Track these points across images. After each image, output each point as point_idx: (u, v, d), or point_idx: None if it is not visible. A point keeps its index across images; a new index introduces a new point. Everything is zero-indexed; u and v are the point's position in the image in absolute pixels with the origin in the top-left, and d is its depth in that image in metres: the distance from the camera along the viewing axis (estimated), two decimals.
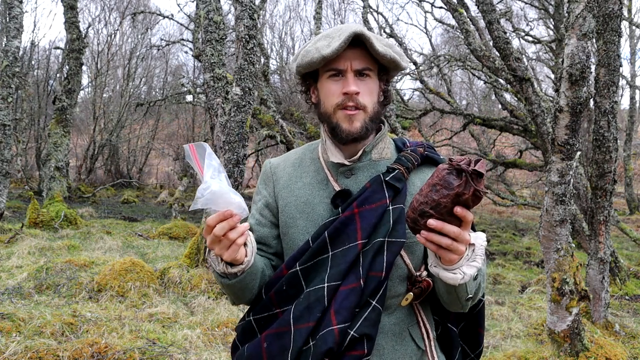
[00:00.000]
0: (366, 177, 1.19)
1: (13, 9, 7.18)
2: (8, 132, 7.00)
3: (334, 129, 1.16)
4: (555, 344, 3.31)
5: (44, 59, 17.79)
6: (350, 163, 1.19)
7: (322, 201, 1.19)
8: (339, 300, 1.07)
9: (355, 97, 1.13)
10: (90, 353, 2.99)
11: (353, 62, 1.14)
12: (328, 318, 1.07)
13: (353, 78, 1.14)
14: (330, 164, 1.22)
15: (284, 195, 1.24)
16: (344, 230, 1.12)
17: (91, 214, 10.30)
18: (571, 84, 2.96)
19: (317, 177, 1.23)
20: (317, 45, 1.14)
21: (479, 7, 5.36)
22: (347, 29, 1.11)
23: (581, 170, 6.19)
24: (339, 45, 1.10)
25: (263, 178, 1.30)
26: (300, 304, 1.10)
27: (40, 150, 14.98)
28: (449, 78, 13.85)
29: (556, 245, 3.19)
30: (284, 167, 1.28)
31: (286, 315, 1.10)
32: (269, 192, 1.27)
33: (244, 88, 4.93)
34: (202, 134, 17.61)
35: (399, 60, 1.15)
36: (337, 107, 1.15)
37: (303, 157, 1.29)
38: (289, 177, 1.25)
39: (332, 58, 1.12)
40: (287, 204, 1.22)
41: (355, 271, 1.09)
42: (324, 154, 1.23)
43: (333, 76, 1.15)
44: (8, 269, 5.15)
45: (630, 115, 15.00)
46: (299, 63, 1.17)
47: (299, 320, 1.08)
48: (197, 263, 5.17)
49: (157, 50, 16.94)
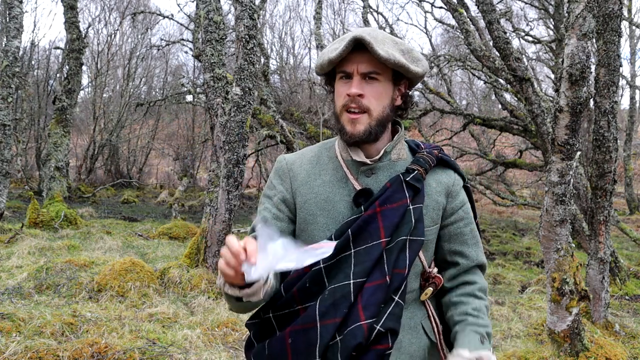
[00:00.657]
0: (386, 177, 1.22)
1: (13, 9, 7.18)
2: (8, 132, 7.00)
3: (341, 129, 1.20)
4: (555, 344, 3.31)
5: (44, 59, 17.78)
6: (372, 163, 1.22)
7: (342, 199, 1.21)
8: (365, 296, 1.11)
9: (358, 99, 1.16)
10: (90, 353, 2.99)
11: (360, 66, 1.16)
12: (356, 314, 1.09)
13: (359, 81, 1.16)
14: (350, 163, 1.24)
15: (303, 192, 1.24)
16: (366, 229, 1.14)
17: (91, 214, 10.30)
18: (571, 84, 2.96)
19: (336, 175, 1.24)
20: (329, 48, 1.19)
21: (479, 7, 5.36)
22: (350, 34, 1.15)
23: (581, 170, 6.19)
24: (342, 50, 1.13)
25: (278, 174, 1.29)
26: (326, 300, 1.11)
27: (40, 150, 14.97)
28: (449, 78, 13.84)
29: (556, 245, 3.19)
30: (300, 164, 1.28)
31: (311, 312, 1.11)
32: (286, 188, 1.26)
33: (244, 88, 4.93)
34: (202, 134, 17.59)
35: (407, 64, 1.16)
36: (343, 108, 1.18)
37: (320, 155, 1.29)
38: (307, 174, 1.26)
39: (336, 61, 1.16)
40: (307, 201, 1.23)
41: (381, 268, 1.13)
42: (343, 153, 1.25)
43: (343, 78, 1.19)
44: (8, 269, 5.15)
45: (630, 115, 15.00)
46: (316, 65, 1.24)
47: (325, 316, 1.09)
48: (197, 263, 5.17)
49: (157, 50, 16.92)
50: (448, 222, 1.27)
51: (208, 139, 14.50)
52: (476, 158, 16.97)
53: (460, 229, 1.27)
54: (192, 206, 13.40)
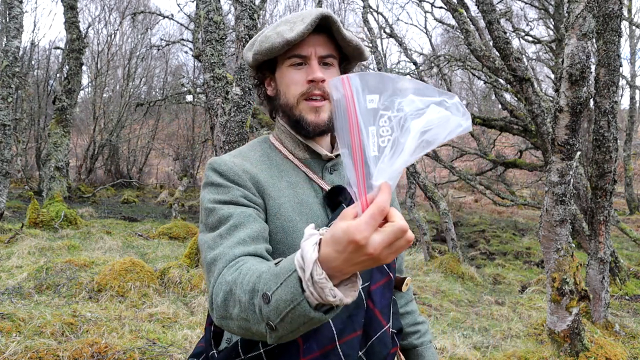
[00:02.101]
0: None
1: (13, 9, 7.18)
2: (8, 132, 7.00)
3: (298, 122, 1.05)
4: (555, 344, 3.31)
5: (44, 59, 17.80)
6: (336, 157, 1.11)
7: (314, 201, 1.06)
8: (377, 299, 1.03)
9: (321, 85, 1.03)
10: (90, 353, 2.99)
11: (317, 48, 1.04)
12: (376, 320, 1.01)
13: (317, 65, 1.04)
14: (309, 161, 1.10)
15: (273, 195, 1.02)
16: None
17: (91, 214, 10.30)
18: (571, 84, 2.96)
19: (297, 175, 1.08)
20: (278, 30, 1.03)
21: (479, 7, 5.36)
22: (312, 12, 1.01)
23: (581, 170, 6.19)
24: (305, 28, 0.99)
25: (226, 175, 1.01)
26: (339, 315, 0.96)
27: (40, 150, 14.98)
28: (449, 78, 13.84)
29: (556, 245, 3.19)
30: (253, 164, 1.06)
31: (326, 332, 0.95)
32: (248, 189, 1.01)
33: (244, 88, 4.93)
34: (202, 134, 17.60)
35: (364, 48, 1.07)
36: (302, 97, 1.04)
37: (269, 154, 1.11)
38: (268, 175, 1.05)
39: (295, 42, 1.01)
40: (281, 205, 1.02)
41: (379, 267, 1.05)
42: (296, 151, 1.10)
43: (296, 64, 1.05)
44: (8, 269, 5.15)
45: (630, 115, 15.00)
46: (257, 50, 1.05)
47: (344, 332, 0.96)
48: (197, 263, 5.18)
49: (157, 50, 16.93)
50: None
51: (208, 139, 14.52)
52: (476, 158, 16.98)
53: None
54: (192, 206, 13.42)
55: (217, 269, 0.87)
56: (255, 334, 0.79)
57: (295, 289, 0.70)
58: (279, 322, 0.72)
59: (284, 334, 0.75)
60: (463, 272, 6.81)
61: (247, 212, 0.95)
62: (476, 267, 7.55)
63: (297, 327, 0.73)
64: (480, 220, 13.72)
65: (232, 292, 0.80)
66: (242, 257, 0.86)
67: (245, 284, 0.78)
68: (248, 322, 0.78)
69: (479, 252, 9.41)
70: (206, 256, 0.91)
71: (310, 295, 0.69)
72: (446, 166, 11.65)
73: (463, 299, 5.64)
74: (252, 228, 0.93)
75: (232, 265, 0.85)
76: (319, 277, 0.68)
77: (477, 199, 18.88)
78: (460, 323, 4.63)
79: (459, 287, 6.15)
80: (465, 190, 20.38)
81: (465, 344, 3.84)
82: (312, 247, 0.69)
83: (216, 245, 0.91)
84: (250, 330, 0.79)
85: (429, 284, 6.12)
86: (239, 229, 0.92)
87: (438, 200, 7.52)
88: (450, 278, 6.63)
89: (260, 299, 0.74)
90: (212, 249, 0.91)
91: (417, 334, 1.25)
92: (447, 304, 5.31)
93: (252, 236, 0.91)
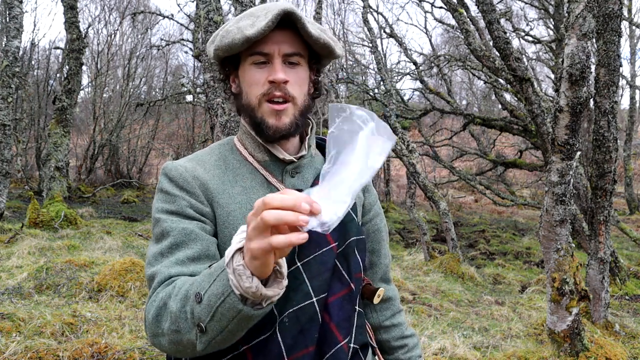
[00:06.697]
0: (311, 174, 1.05)
1: (13, 9, 7.18)
2: (8, 132, 7.01)
3: (259, 124, 0.99)
4: (555, 344, 3.31)
5: (44, 59, 17.79)
6: (298, 160, 1.05)
7: None
8: (334, 312, 0.97)
9: (283, 86, 0.96)
10: (90, 353, 2.99)
11: (281, 46, 0.96)
12: (330, 335, 0.95)
13: (281, 64, 0.97)
14: (268, 163, 1.04)
15: (222, 203, 0.98)
16: (310, 236, 0.94)
17: (91, 214, 10.30)
18: (571, 84, 2.96)
19: (255, 179, 1.02)
20: (239, 25, 0.96)
21: (479, 7, 5.36)
22: (275, 6, 0.94)
23: (581, 170, 6.19)
24: (265, 25, 0.92)
25: (177, 183, 0.98)
26: (289, 329, 0.91)
27: (40, 150, 14.98)
28: (449, 78, 13.84)
29: (556, 245, 3.19)
30: (206, 169, 1.02)
31: (272, 348, 0.90)
32: (197, 199, 0.97)
33: None
34: (202, 134, 17.60)
35: (333, 46, 1.00)
36: (263, 97, 0.98)
37: (226, 158, 1.05)
38: (220, 181, 1.00)
39: (256, 40, 0.94)
40: (230, 213, 0.97)
41: (339, 277, 0.99)
42: (257, 153, 1.04)
43: (259, 63, 0.98)
44: (8, 269, 5.15)
45: (630, 115, 15.01)
46: (217, 45, 0.98)
47: (294, 348, 0.91)
48: None
49: (157, 50, 16.93)
50: (367, 218, 1.15)
51: (208, 139, 14.51)
52: (476, 158, 16.98)
53: (377, 225, 1.17)
54: None
55: (152, 287, 0.88)
56: (186, 347, 0.80)
57: (225, 282, 0.72)
58: (210, 321, 0.74)
59: (213, 336, 0.76)
60: (463, 272, 6.81)
61: (188, 229, 0.92)
62: (476, 267, 7.56)
63: (227, 325, 0.74)
64: (480, 220, 13.72)
65: (166, 305, 0.82)
66: (177, 277, 0.86)
67: (179, 293, 0.80)
68: (179, 332, 0.79)
69: (479, 252, 9.41)
70: (146, 271, 0.92)
71: (233, 286, 0.71)
72: (446, 166, 11.66)
73: (463, 299, 5.64)
74: (193, 249, 0.91)
75: (167, 283, 0.86)
76: (237, 264, 0.70)
77: (477, 199, 18.89)
78: (460, 323, 4.62)
79: (459, 287, 6.15)
80: (465, 190, 20.39)
81: (465, 344, 3.84)
82: (238, 238, 0.72)
83: (156, 263, 0.91)
84: (181, 342, 0.80)
85: (429, 284, 6.12)
86: (179, 248, 0.91)
87: (438, 200, 7.52)
88: (450, 278, 6.64)
89: (193, 300, 0.76)
90: (151, 265, 0.91)
91: (404, 348, 1.19)
92: (447, 304, 5.31)
93: (192, 257, 0.90)
